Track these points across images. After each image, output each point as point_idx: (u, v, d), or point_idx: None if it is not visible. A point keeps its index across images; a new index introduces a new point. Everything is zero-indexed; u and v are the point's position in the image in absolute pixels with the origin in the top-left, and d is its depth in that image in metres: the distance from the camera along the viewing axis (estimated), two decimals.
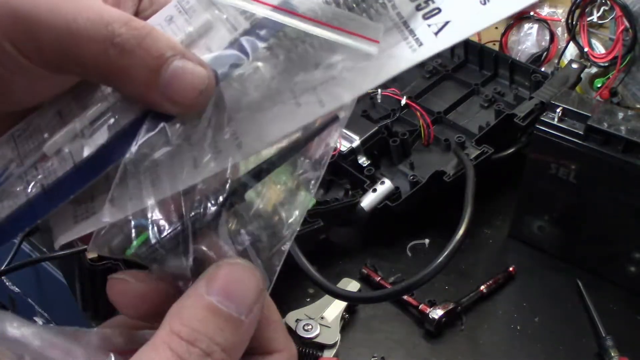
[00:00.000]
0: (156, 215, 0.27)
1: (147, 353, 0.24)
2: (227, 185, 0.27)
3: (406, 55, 0.26)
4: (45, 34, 0.24)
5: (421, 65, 0.97)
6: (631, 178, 0.65)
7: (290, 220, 0.28)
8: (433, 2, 0.27)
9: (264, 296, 0.27)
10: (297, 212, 0.28)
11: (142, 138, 0.26)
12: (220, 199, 0.27)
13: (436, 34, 0.26)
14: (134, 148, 0.26)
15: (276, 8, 0.26)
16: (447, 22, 0.26)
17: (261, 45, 0.26)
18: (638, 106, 0.93)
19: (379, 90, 0.89)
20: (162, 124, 0.26)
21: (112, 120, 0.26)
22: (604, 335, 0.67)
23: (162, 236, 0.27)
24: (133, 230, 0.27)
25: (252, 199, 0.28)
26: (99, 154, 0.26)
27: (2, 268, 0.81)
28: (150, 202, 0.26)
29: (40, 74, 0.26)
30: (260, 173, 0.28)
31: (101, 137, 0.26)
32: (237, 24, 0.27)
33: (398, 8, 0.27)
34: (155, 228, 0.27)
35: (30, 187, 0.27)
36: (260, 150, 0.27)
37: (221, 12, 0.27)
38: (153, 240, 0.27)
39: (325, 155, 0.28)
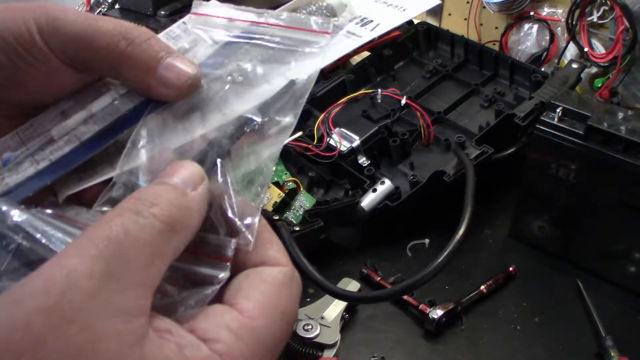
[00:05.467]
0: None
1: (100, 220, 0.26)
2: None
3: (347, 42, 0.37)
4: (70, 30, 0.31)
5: (421, 65, 0.97)
6: (631, 178, 0.65)
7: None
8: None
9: (207, 185, 0.29)
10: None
11: (147, 113, 0.32)
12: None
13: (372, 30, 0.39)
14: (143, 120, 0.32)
15: (252, 22, 0.36)
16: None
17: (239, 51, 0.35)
18: (638, 106, 0.93)
19: (379, 90, 0.89)
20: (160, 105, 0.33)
21: (113, 109, 0.33)
22: (604, 335, 0.67)
23: None
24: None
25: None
26: (102, 133, 0.32)
27: None
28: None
29: (58, 68, 0.32)
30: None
31: (104, 121, 0.32)
32: (218, 39, 0.35)
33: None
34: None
35: (38, 162, 0.32)
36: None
37: (204, 32, 0.36)
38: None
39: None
